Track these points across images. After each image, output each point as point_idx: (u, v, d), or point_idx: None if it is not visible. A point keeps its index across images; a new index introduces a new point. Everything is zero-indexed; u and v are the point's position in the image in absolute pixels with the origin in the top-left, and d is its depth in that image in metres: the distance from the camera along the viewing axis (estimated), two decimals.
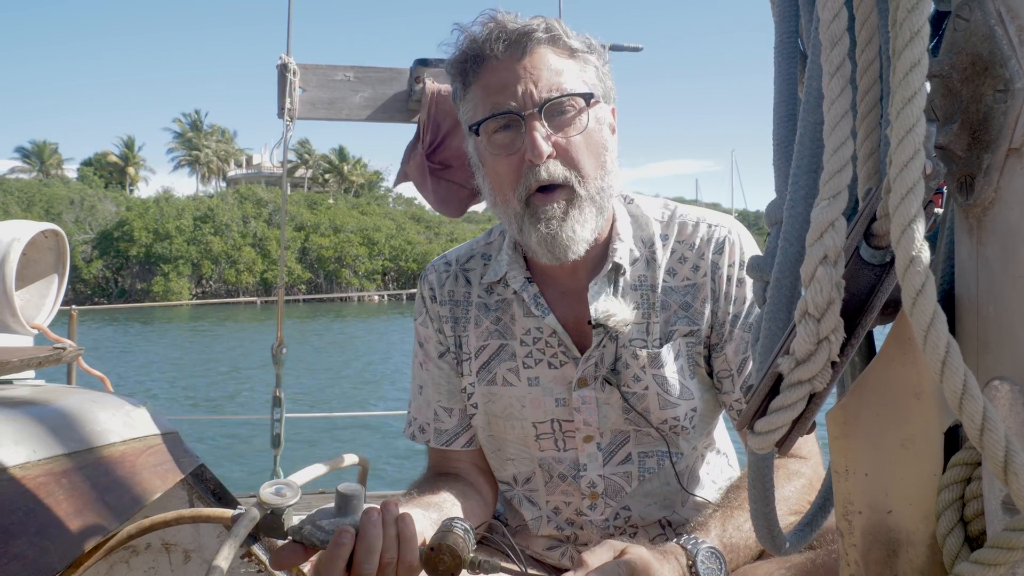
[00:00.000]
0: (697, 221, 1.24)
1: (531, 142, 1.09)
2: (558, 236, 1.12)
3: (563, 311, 1.23)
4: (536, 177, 1.11)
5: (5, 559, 0.85)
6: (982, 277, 0.50)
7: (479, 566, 0.91)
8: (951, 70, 0.49)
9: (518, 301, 1.25)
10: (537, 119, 1.10)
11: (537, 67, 1.11)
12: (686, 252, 1.23)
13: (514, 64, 1.12)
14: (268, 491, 0.93)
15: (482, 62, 1.13)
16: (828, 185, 0.47)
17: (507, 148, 1.13)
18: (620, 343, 1.19)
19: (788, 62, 0.67)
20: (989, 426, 0.42)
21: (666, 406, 1.20)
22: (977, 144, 0.49)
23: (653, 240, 1.24)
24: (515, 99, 1.10)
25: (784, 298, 0.58)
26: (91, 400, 1.32)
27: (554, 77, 1.11)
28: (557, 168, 1.11)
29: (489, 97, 1.13)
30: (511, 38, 1.11)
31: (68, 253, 1.90)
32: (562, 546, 1.30)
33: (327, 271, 49.28)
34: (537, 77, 1.11)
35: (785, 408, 0.50)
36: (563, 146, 1.11)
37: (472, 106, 1.16)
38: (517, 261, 1.25)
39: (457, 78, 1.18)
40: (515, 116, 1.11)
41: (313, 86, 3.25)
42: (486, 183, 1.19)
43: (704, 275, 1.21)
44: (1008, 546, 0.48)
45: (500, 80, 1.12)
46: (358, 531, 0.90)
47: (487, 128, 1.13)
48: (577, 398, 1.21)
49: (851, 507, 0.58)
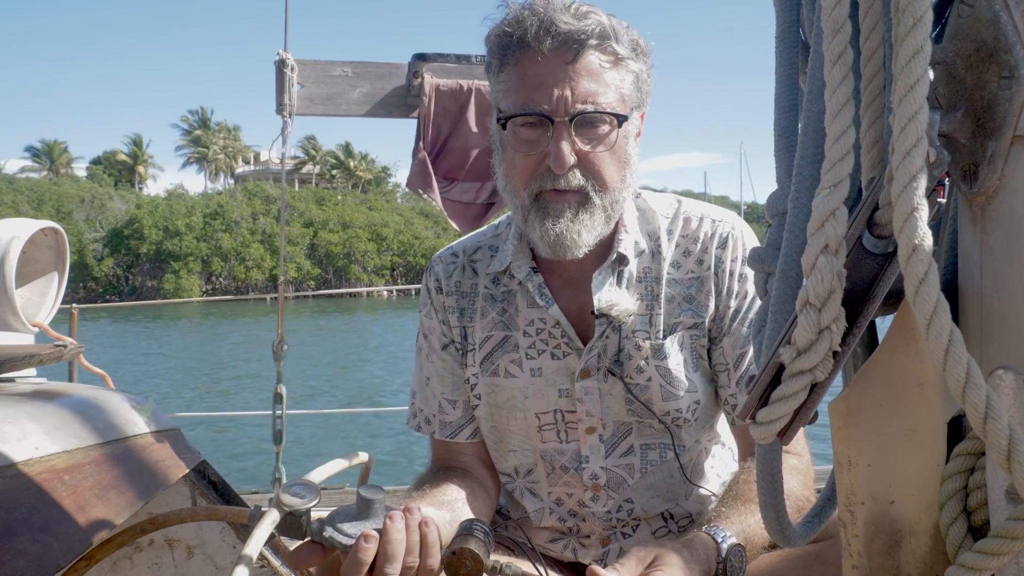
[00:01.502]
0: (702, 216, 1.26)
1: (556, 152, 1.09)
2: (563, 236, 1.13)
3: (567, 301, 1.23)
4: (553, 183, 1.12)
5: (9, 555, 0.85)
6: (986, 266, 0.50)
7: (500, 570, 0.92)
8: (955, 57, 0.49)
9: (522, 291, 1.26)
10: (567, 128, 1.09)
11: (579, 73, 1.09)
12: (690, 246, 1.24)
13: (556, 64, 1.09)
14: (287, 492, 0.93)
15: (525, 49, 1.11)
16: (829, 174, 0.47)
17: (531, 146, 1.12)
18: (623, 334, 1.20)
19: (790, 52, 0.67)
20: (993, 415, 0.42)
21: (669, 398, 1.21)
22: (981, 132, 0.49)
23: (659, 234, 1.25)
24: (549, 102, 1.09)
25: (790, 289, 0.58)
26: (93, 397, 1.32)
27: (592, 86, 1.10)
28: (576, 177, 1.12)
29: (523, 90, 1.11)
30: (562, 38, 1.09)
31: (67, 251, 1.90)
32: (564, 538, 1.30)
33: (336, 267, 49.31)
34: (576, 85, 1.09)
35: (787, 398, 0.50)
36: (587, 157, 1.12)
37: (504, 89, 1.15)
38: (523, 251, 1.26)
39: (495, 53, 1.16)
40: (545, 119, 1.10)
41: (311, 82, 3.24)
42: (502, 167, 1.19)
43: (708, 269, 1.22)
44: (1012, 535, 0.48)
45: (539, 77, 1.10)
46: (382, 534, 0.91)
47: (515, 122, 1.13)
48: (580, 389, 1.22)
49: (854, 498, 0.58)
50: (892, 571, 0.58)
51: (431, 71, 3.18)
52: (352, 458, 1.22)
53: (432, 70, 3.18)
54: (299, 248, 47.75)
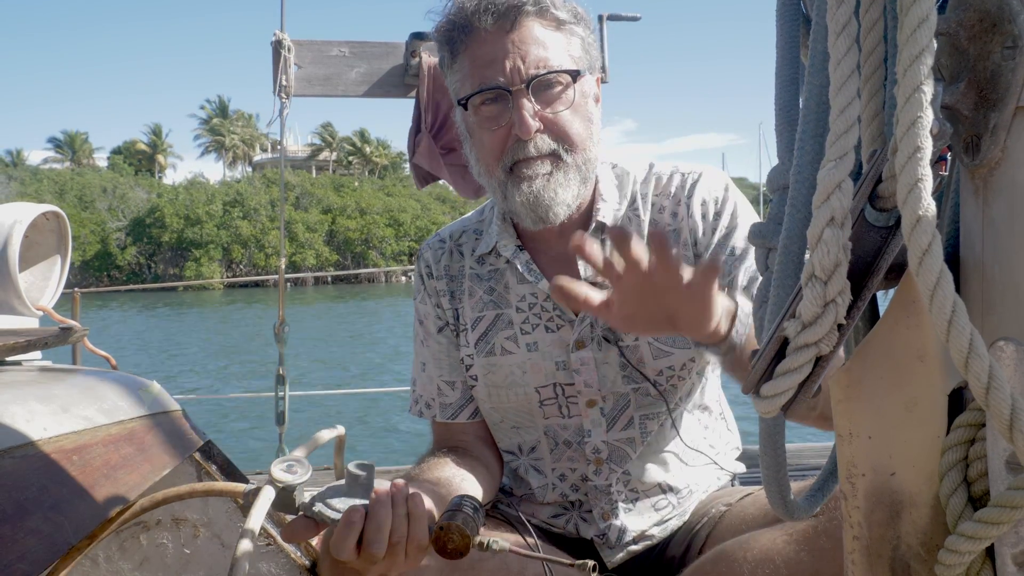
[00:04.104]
0: (672, 172, 1.28)
1: (520, 119, 1.12)
2: (541, 196, 1.15)
3: (554, 274, 1.24)
4: (524, 152, 1.14)
5: (21, 534, 0.86)
6: (988, 238, 0.50)
7: (487, 546, 0.92)
8: (958, 27, 0.49)
9: (511, 269, 1.27)
10: (525, 95, 1.12)
11: (525, 41, 1.12)
12: (664, 202, 1.26)
13: (502, 37, 1.12)
14: (279, 468, 0.94)
15: (470, 32, 1.14)
16: (835, 146, 0.47)
17: (494, 121, 1.15)
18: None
19: (790, 25, 0.67)
20: (995, 384, 0.42)
21: (659, 355, 1.22)
22: (984, 103, 0.48)
23: (635, 198, 1.27)
24: (503, 74, 1.12)
25: (792, 264, 0.58)
26: (99, 378, 1.33)
27: (541, 51, 1.13)
28: (545, 142, 1.14)
29: (477, 70, 1.14)
30: (499, 10, 1.11)
31: (69, 235, 1.89)
32: (567, 513, 1.32)
33: (354, 253, 49.29)
34: (525, 52, 1.12)
35: (791, 372, 0.51)
36: (551, 120, 1.14)
37: (460, 77, 1.18)
38: (507, 230, 1.28)
39: (445, 46, 1.19)
40: (503, 91, 1.12)
41: (308, 62, 3.21)
42: (473, 153, 1.21)
43: (681, 219, 1.24)
44: (1011, 504, 0.49)
45: (488, 53, 1.13)
46: (368, 510, 0.91)
47: (474, 101, 1.15)
48: (576, 360, 1.23)
49: (855, 470, 0.59)
50: (892, 542, 0.59)
51: (428, 50, 3.15)
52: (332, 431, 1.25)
53: (429, 49, 3.15)
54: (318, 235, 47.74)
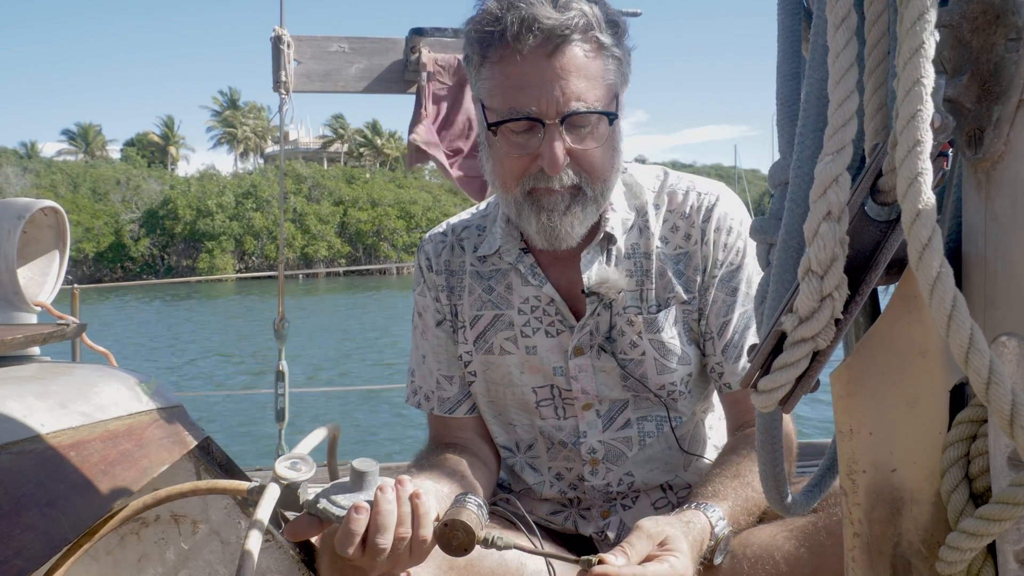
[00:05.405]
0: (687, 190, 1.25)
1: (550, 155, 1.08)
2: (557, 228, 1.13)
3: (557, 280, 1.24)
4: (547, 183, 1.11)
5: (18, 530, 0.86)
6: (990, 232, 0.50)
7: (492, 542, 0.92)
8: (961, 20, 0.48)
9: (514, 271, 1.26)
10: (558, 129, 1.07)
11: (566, 70, 1.06)
12: (678, 221, 1.23)
13: (540, 61, 1.06)
14: (283, 465, 0.94)
15: (506, 46, 1.07)
16: (832, 140, 0.46)
17: (521, 148, 1.10)
18: (614, 311, 1.20)
19: (791, 19, 0.66)
20: (996, 380, 0.42)
21: (663, 371, 1.22)
22: (987, 96, 0.48)
23: (646, 209, 1.24)
24: (538, 104, 1.06)
25: (791, 259, 0.58)
26: (98, 374, 1.32)
27: (580, 84, 1.06)
28: (569, 176, 1.11)
29: (510, 92, 1.08)
30: (544, 34, 1.05)
31: (68, 230, 1.89)
32: (565, 510, 1.32)
33: (366, 245, 49.17)
34: (565, 84, 1.06)
35: (788, 366, 0.50)
36: (579, 154, 1.10)
37: (489, 88, 1.12)
38: (511, 234, 1.25)
39: (475, 47, 1.12)
40: (536, 123, 1.08)
41: (307, 58, 3.20)
42: (489, 164, 1.17)
43: (695, 243, 1.22)
44: (1013, 501, 0.49)
45: (524, 77, 1.07)
46: (372, 506, 0.91)
47: (505, 125, 1.10)
48: (574, 367, 1.23)
49: (855, 466, 0.58)
50: (893, 538, 0.58)
51: (428, 46, 3.14)
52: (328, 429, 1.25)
53: (430, 44, 3.14)
54: (330, 226, 47.64)
